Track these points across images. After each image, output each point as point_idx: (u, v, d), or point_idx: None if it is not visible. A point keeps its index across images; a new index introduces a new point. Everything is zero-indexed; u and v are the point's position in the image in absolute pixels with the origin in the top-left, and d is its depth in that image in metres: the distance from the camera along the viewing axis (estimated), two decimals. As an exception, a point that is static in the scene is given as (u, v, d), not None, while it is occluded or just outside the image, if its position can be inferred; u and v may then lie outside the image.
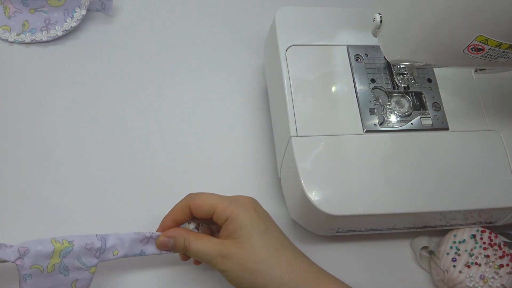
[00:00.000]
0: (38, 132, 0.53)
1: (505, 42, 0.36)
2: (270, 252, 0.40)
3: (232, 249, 0.40)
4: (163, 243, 0.42)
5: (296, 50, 0.51)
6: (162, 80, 0.59)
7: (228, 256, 0.39)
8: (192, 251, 0.41)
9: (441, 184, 0.46)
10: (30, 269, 0.38)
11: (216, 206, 0.41)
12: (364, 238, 0.52)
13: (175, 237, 0.42)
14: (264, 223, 0.41)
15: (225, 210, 0.41)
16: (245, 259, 0.39)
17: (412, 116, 0.49)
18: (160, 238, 0.43)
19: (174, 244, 0.42)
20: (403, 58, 0.42)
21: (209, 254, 0.40)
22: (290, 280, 0.39)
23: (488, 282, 0.47)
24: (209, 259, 0.40)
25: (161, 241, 0.42)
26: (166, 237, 0.42)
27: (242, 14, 0.65)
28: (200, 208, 0.42)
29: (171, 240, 0.42)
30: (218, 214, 0.41)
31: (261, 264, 0.39)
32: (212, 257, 0.40)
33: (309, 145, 0.46)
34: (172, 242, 0.42)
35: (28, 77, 0.56)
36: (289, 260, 0.40)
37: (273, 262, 0.39)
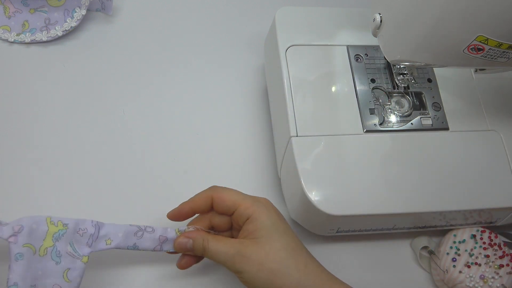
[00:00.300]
0: (38, 132, 0.53)
1: (505, 42, 0.36)
2: (288, 253, 0.40)
3: (251, 248, 0.39)
4: (182, 244, 0.41)
5: (296, 50, 0.51)
6: (162, 80, 0.59)
7: (246, 255, 0.39)
8: (211, 251, 0.40)
9: (441, 184, 0.46)
10: (22, 248, 0.38)
11: (239, 203, 0.41)
12: (364, 238, 0.52)
13: (194, 238, 0.41)
14: (283, 224, 0.41)
15: (248, 209, 0.40)
16: (264, 258, 0.39)
17: (412, 116, 0.49)
18: (178, 239, 0.42)
19: (192, 245, 0.41)
20: (403, 58, 0.42)
21: (227, 254, 0.39)
22: (306, 281, 0.39)
23: (488, 282, 0.47)
24: (228, 258, 0.39)
25: (180, 242, 0.42)
26: (185, 238, 0.41)
27: (242, 14, 0.65)
28: (223, 202, 0.41)
29: (190, 240, 0.41)
30: (240, 212, 0.41)
31: (279, 264, 0.39)
32: (230, 256, 0.39)
33: (309, 145, 0.46)
34: (190, 243, 0.41)
35: (28, 77, 0.56)
36: (305, 262, 0.40)
37: (291, 263, 0.39)
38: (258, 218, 0.40)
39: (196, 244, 0.41)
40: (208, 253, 0.41)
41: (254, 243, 0.39)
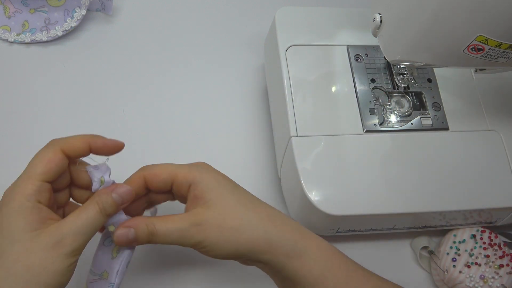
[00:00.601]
0: (38, 132, 0.53)
1: (505, 42, 0.36)
2: (246, 207, 0.37)
3: (204, 214, 0.35)
4: (122, 236, 0.35)
5: (296, 50, 0.51)
6: (162, 80, 0.59)
7: (202, 223, 0.35)
8: (160, 234, 0.35)
9: (441, 184, 0.46)
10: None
11: (175, 174, 0.37)
12: (364, 238, 0.52)
13: (136, 225, 0.35)
14: (230, 181, 0.38)
15: (187, 176, 0.37)
16: (222, 220, 0.35)
17: (412, 116, 0.49)
18: (117, 232, 0.35)
19: (135, 234, 0.35)
20: (403, 58, 0.42)
21: (181, 229, 0.35)
22: (274, 231, 0.36)
23: (488, 282, 0.47)
24: (183, 234, 0.35)
25: (119, 234, 0.35)
26: (124, 228, 0.35)
27: (242, 14, 0.65)
28: (157, 177, 0.37)
29: (131, 230, 0.35)
30: (179, 182, 0.37)
31: (240, 220, 0.36)
32: (185, 230, 0.35)
33: (309, 145, 0.46)
34: (132, 232, 0.35)
35: (28, 77, 0.56)
36: (267, 212, 0.37)
37: (252, 215, 0.36)
38: (201, 181, 0.36)
39: (140, 231, 0.35)
40: (158, 237, 0.35)
41: (205, 208, 0.35)
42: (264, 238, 0.36)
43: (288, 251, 0.36)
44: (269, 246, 0.36)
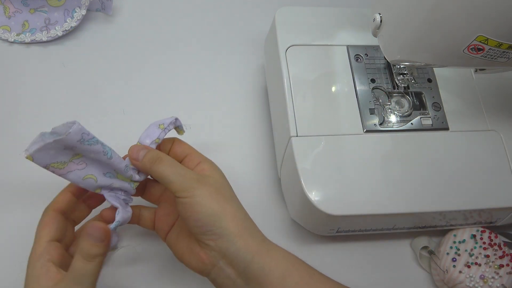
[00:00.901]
0: (38, 132, 0.53)
1: (505, 42, 0.36)
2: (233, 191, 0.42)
3: (208, 177, 0.41)
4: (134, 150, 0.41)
5: (296, 50, 0.51)
6: (162, 80, 0.59)
7: (202, 180, 0.40)
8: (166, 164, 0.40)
9: (441, 184, 0.46)
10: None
11: (192, 151, 0.44)
12: (364, 238, 0.52)
13: (150, 148, 0.41)
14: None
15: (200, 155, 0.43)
16: (220, 186, 0.41)
17: (412, 116, 0.49)
18: (131, 147, 0.41)
19: (145, 154, 0.40)
20: (403, 58, 0.42)
21: (185, 173, 0.40)
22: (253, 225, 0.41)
23: (488, 282, 0.47)
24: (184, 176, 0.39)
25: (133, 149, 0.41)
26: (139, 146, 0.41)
27: (242, 14, 0.65)
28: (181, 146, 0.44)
29: (144, 149, 0.41)
30: (192, 156, 0.43)
31: (231, 195, 0.41)
32: (188, 174, 0.40)
33: (309, 145, 0.46)
34: (144, 151, 0.40)
35: (28, 77, 0.56)
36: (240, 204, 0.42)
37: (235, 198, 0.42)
38: (211, 162, 0.43)
39: (150, 153, 0.40)
40: (162, 165, 0.40)
41: (209, 175, 0.41)
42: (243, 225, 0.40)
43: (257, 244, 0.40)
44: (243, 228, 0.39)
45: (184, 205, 0.39)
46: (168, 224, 0.44)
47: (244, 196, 0.53)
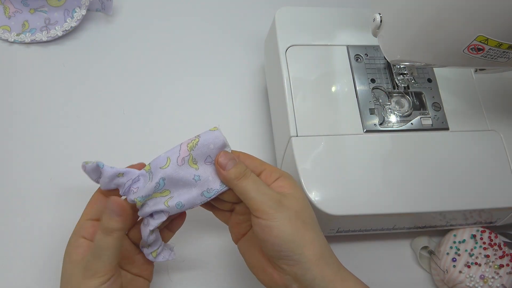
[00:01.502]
0: (38, 132, 0.53)
1: (505, 42, 0.36)
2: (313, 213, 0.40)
3: (289, 198, 0.39)
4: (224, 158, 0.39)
5: (296, 50, 0.51)
6: (162, 80, 0.59)
7: (284, 201, 0.38)
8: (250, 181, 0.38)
9: (441, 184, 0.46)
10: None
11: (266, 165, 0.42)
12: (364, 238, 0.52)
13: (239, 161, 0.40)
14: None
15: (276, 170, 0.41)
16: (301, 209, 0.39)
17: (412, 116, 0.49)
18: (221, 154, 0.40)
19: (234, 165, 0.39)
20: (403, 58, 0.42)
21: (269, 193, 0.38)
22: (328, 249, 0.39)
23: (488, 282, 0.47)
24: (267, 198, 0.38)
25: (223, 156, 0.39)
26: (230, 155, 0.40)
27: (242, 14, 0.65)
28: (253, 161, 0.41)
29: (233, 160, 0.39)
30: (268, 172, 0.41)
31: (311, 219, 0.39)
32: (271, 195, 0.38)
33: (309, 145, 0.46)
34: (233, 162, 0.39)
35: (28, 77, 0.56)
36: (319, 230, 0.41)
37: (316, 222, 0.40)
38: (289, 178, 0.41)
39: (238, 166, 0.39)
40: (246, 181, 0.39)
41: (291, 195, 0.39)
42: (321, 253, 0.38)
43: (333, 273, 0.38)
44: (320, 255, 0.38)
45: (262, 227, 0.37)
46: (239, 232, 0.42)
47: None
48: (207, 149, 0.40)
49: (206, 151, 0.40)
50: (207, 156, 0.40)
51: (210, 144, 0.40)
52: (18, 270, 0.46)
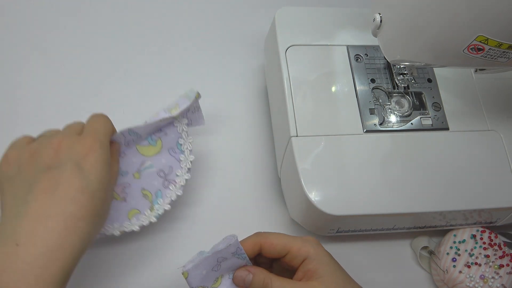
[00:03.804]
0: (37, 132, 0.53)
1: (505, 42, 0.36)
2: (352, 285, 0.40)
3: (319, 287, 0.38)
4: (241, 277, 0.40)
5: (296, 50, 0.51)
6: (162, 80, 0.59)
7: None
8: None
9: (441, 184, 0.46)
10: None
11: (291, 246, 0.40)
12: (364, 238, 0.52)
13: (255, 272, 0.39)
14: (334, 259, 0.41)
15: (301, 250, 0.39)
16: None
17: (412, 116, 0.49)
18: (238, 272, 0.40)
19: (252, 279, 0.39)
20: (403, 58, 0.42)
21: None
22: None
23: (488, 282, 0.47)
24: None
25: (239, 274, 0.40)
26: (245, 271, 0.40)
27: (242, 14, 0.65)
28: (273, 247, 0.40)
29: (250, 274, 0.39)
30: (293, 254, 0.40)
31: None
32: None
33: (309, 145, 0.46)
34: (250, 277, 0.39)
35: (29, 77, 0.56)
36: None
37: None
38: (316, 257, 0.39)
39: (257, 279, 0.39)
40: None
41: (320, 282, 0.38)
42: None
43: None
44: None
45: None
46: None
47: (244, 196, 0.53)
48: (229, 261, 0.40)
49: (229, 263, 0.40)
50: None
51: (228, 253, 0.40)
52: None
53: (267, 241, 0.40)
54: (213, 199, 0.52)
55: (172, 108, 0.46)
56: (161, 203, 0.46)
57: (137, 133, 0.45)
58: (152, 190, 0.46)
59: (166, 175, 0.46)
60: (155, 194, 0.45)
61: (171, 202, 0.46)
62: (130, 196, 0.45)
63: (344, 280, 0.39)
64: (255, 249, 0.40)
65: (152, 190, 0.46)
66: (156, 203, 0.45)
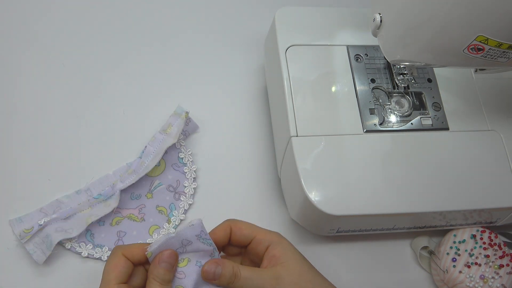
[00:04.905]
0: (38, 132, 0.53)
1: (505, 42, 0.36)
2: (315, 273, 0.41)
3: (284, 271, 0.40)
4: (209, 270, 0.39)
5: (296, 50, 0.51)
6: (162, 80, 0.59)
7: (281, 277, 0.39)
8: (244, 277, 0.39)
9: (441, 184, 0.46)
10: None
11: (257, 232, 0.42)
12: (364, 238, 0.52)
13: (224, 264, 0.40)
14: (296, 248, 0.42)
15: (266, 236, 0.42)
16: (298, 279, 0.40)
17: (412, 116, 0.49)
18: (205, 266, 0.40)
19: (221, 272, 0.39)
20: (403, 58, 0.42)
21: (262, 278, 0.39)
22: None
23: (488, 282, 0.47)
24: (262, 283, 0.39)
25: (207, 269, 0.39)
26: (214, 264, 0.40)
27: (242, 14, 0.65)
28: (241, 231, 0.42)
29: (219, 267, 0.39)
30: (258, 240, 0.41)
31: (312, 283, 0.40)
32: (265, 280, 0.39)
33: (309, 145, 0.46)
34: (219, 269, 0.39)
35: (28, 77, 0.56)
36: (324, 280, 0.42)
37: (319, 280, 0.41)
38: (281, 244, 0.41)
39: (226, 271, 0.39)
40: (239, 281, 0.39)
41: (284, 266, 0.40)
42: None
43: None
44: None
45: None
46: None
47: (244, 196, 0.53)
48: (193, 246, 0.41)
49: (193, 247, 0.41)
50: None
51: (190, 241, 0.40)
52: (17, 270, 0.46)
53: (236, 224, 0.42)
54: (213, 199, 0.52)
55: (167, 128, 0.52)
56: (176, 215, 0.51)
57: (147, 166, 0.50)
58: (166, 205, 0.50)
59: (175, 189, 0.51)
60: (169, 208, 0.50)
61: (184, 211, 0.51)
62: (148, 215, 0.50)
63: (308, 267, 0.41)
64: (226, 231, 0.42)
65: (165, 205, 0.50)
66: (172, 215, 0.51)
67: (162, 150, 0.51)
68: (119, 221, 0.49)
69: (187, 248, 0.40)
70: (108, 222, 0.49)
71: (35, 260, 0.45)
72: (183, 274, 0.39)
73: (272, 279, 0.39)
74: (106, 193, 0.49)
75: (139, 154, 0.52)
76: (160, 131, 0.52)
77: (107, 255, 0.47)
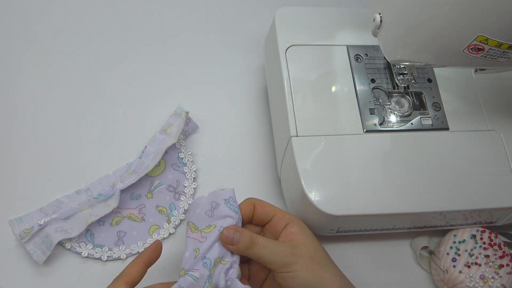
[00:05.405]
0: (38, 132, 0.53)
1: (505, 42, 0.36)
2: (326, 253, 0.43)
3: (301, 245, 0.42)
4: (228, 235, 0.41)
5: (296, 50, 0.51)
6: (162, 80, 0.59)
7: (298, 251, 0.41)
8: (261, 245, 0.41)
9: (441, 184, 0.46)
10: None
11: (277, 211, 0.44)
12: (364, 238, 0.52)
13: (242, 231, 0.41)
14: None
15: (285, 215, 0.44)
16: (313, 254, 0.42)
17: (412, 116, 0.49)
18: (224, 231, 0.41)
19: (239, 237, 0.41)
20: (403, 58, 0.42)
21: (279, 246, 0.41)
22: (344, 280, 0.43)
23: (488, 282, 0.47)
24: (279, 251, 0.41)
25: (226, 234, 0.41)
26: (233, 229, 0.41)
27: (242, 14, 0.65)
28: (264, 208, 0.44)
29: (237, 233, 0.41)
30: (278, 218, 0.44)
31: (326, 259, 0.43)
32: (282, 250, 0.41)
33: (309, 145, 0.46)
34: (238, 235, 0.41)
35: (28, 77, 0.56)
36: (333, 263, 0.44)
37: (330, 260, 0.43)
38: (298, 224, 0.44)
39: (244, 238, 0.41)
40: (257, 248, 0.41)
41: (301, 242, 0.42)
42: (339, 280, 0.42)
43: None
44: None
45: (284, 278, 0.41)
46: (260, 277, 0.45)
47: (244, 196, 0.53)
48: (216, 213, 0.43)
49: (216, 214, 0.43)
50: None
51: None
52: (17, 270, 0.46)
53: (259, 202, 0.45)
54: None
55: (167, 128, 0.52)
56: (176, 215, 0.51)
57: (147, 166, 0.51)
58: (166, 205, 0.50)
59: (175, 189, 0.51)
60: (169, 208, 0.50)
61: (184, 211, 0.51)
62: (148, 215, 0.50)
63: (322, 247, 0.43)
64: (250, 208, 0.44)
65: (165, 205, 0.50)
66: (172, 215, 0.50)
67: (162, 150, 0.51)
68: (119, 221, 0.49)
69: (215, 212, 0.41)
70: (108, 222, 0.49)
71: (35, 260, 0.45)
72: (204, 238, 0.41)
73: (289, 248, 0.41)
74: (106, 193, 0.49)
75: (139, 154, 0.53)
76: (160, 131, 0.52)
77: (107, 255, 0.47)
